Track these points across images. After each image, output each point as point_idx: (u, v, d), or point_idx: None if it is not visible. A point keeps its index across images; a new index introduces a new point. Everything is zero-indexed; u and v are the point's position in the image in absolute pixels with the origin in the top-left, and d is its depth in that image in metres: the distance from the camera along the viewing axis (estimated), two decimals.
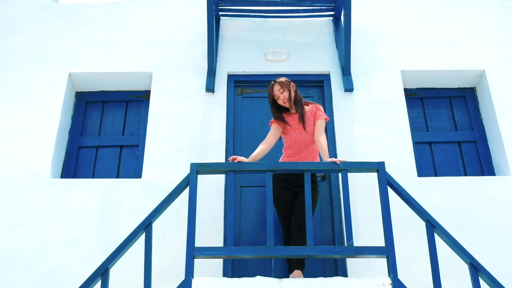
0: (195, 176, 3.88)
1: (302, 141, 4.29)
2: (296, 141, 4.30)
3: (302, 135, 4.27)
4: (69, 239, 4.45)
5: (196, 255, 3.62)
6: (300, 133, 4.27)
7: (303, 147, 4.29)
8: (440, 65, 5.31)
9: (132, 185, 4.70)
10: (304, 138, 4.28)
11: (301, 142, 4.29)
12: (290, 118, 4.30)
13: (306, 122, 4.24)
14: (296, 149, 4.29)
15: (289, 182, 4.29)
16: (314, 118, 4.30)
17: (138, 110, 5.35)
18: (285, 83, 4.31)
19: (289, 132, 4.30)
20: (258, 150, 4.17)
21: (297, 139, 4.29)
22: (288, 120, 4.29)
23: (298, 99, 4.33)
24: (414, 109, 5.32)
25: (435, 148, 5.14)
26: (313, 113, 4.32)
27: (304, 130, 4.24)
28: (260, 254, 3.63)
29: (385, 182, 3.84)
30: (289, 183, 4.30)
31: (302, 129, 4.25)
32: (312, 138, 4.28)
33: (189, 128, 4.96)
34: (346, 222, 3.71)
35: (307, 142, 4.29)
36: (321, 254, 3.64)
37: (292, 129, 4.29)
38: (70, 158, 5.07)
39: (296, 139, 4.30)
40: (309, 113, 4.32)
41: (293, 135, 4.30)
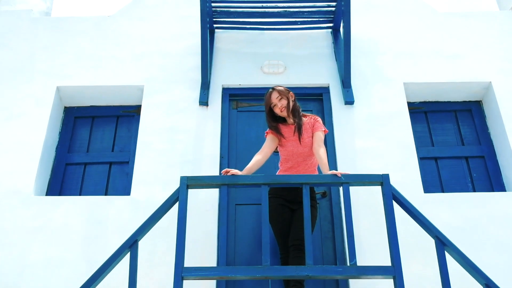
0: (185, 190, 3.61)
1: (299, 154, 4.03)
2: (293, 154, 4.04)
3: (299, 147, 4.02)
4: (51, 261, 4.16)
5: (185, 275, 3.33)
6: (296, 146, 4.02)
7: (300, 160, 4.03)
8: (444, 77, 5.08)
9: (120, 202, 4.42)
10: (300, 151, 4.02)
11: (298, 155, 4.03)
12: (286, 129, 4.06)
13: (303, 134, 4.00)
14: (293, 163, 4.02)
15: (286, 198, 4.02)
16: (312, 130, 4.05)
17: (129, 126, 5.11)
18: (284, 91, 4.08)
19: (285, 144, 4.05)
20: (253, 162, 3.91)
21: (293, 152, 4.03)
22: (284, 131, 4.04)
23: (296, 109, 4.09)
24: (418, 123, 5.08)
25: (441, 164, 4.88)
26: (311, 125, 4.07)
27: (299, 143, 4.00)
28: (255, 274, 3.33)
29: (390, 195, 3.57)
30: (286, 199, 4.03)
31: (298, 141, 4.01)
32: (310, 151, 4.02)
33: (181, 143, 4.71)
34: (348, 239, 3.43)
35: (305, 156, 4.03)
36: (322, 274, 3.34)
37: (288, 142, 4.04)
38: (57, 176, 4.81)
39: (292, 152, 4.04)
40: (307, 125, 4.07)
41: (289, 147, 4.04)
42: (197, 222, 4.29)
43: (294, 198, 4.02)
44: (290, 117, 4.05)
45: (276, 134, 4.03)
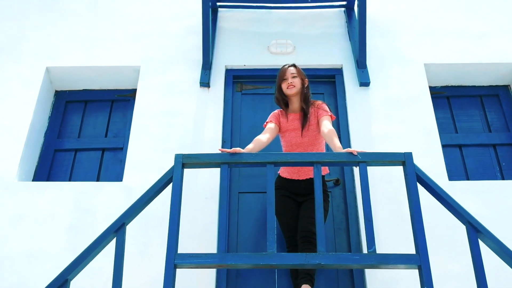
0: (180, 169, 3.18)
1: (298, 144, 3.61)
2: (292, 145, 3.63)
3: (298, 138, 3.61)
4: (33, 252, 3.74)
5: (179, 263, 2.89)
6: (296, 136, 3.61)
7: (300, 151, 3.60)
8: (469, 58, 4.64)
9: (111, 189, 3.99)
10: (299, 142, 3.61)
11: (297, 146, 3.62)
12: (289, 117, 3.65)
13: (306, 125, 3.59)
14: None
15: (291, 190, 3.61)
16: (318, 117, 3.62)
17: (124, 111, 4.70)
18: (301, 72, 3.70)
19: (285, 133, 3.65)
20: (255, 142, 3.46)
21: (292, 143, 3.63)
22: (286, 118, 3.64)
23: (307, 97, 3.66)
24: (440, 109, 4.63)
25: (467, 152, 4.42)
26: (314, 113, 3.63)
27: (301, 134, 3.59)
28: (258, 262, 2.88)
29: (413, 176, 3.12)
30: (291, 191, 3.61)
31: (299, 132, 3.59)
32: (312, 141, 3.60)
33: (180, 127, 4.29)
34: (366, 225, 2.97)
35: (305, 145, 3.61)
36: (336, 263, 2.88)
37: (289, 131, 3.64)
38: (44, 162, 4.40)
39: (291, 143, 3.64)
40: (311, 115, 3.64)
41: (288, 137, 3.65)
42: (195, 211, 3.86)
43: (299, 190, 3.60)
44: (294, 101, 3.64)
45: (278, 120, 3.64)
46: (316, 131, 3.60)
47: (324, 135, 3.44)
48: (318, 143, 3.62)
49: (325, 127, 3.47)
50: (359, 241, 3.78)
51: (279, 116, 3.69)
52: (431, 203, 3.47)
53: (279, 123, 3.65)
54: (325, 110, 3.63)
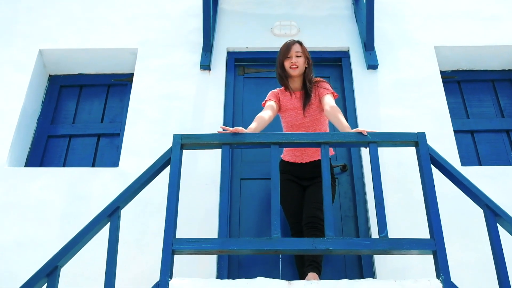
0: (179, 150, 2.99)
1: (299, 124, 3.42)
2: (292, 125, 3.45)
3: (298, 118, 3.42)
4: (24, 240, 3.55)
5: (177, 249, 2.70)
6: (296, 116, 3.42)
7: (302, 131, 3.40)
8: (481, 41, 4.44)
9: (106, 175, 3.80)
10: (300, 121, 3.42)
11: (298, 126, 3.43)
12: (289, 96, 3.47)
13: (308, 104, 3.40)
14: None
15: (294, 174, 3.41)
16: (319, 95, 3.42)
17: (121, 96, 4.51)
18: (306, 51, 3.51)
19: (284, 112, 3.47)
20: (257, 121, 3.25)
21: (293, 123, 3.44)
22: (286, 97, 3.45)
23: (310, 78, 3.47)
24: (450, 93, 4.43)
25: (479, 137, 4.22)
26: (315, 92, 3.44)
27: (303, 114, 3.40)
28: (262, 248, 2.69)
29: (427, 157, 2.93)
30: (295, 175, 3.41)
31: (300, 111, 3.40)
32: (313, 121, 3.41)
33: (178, 111, 4.09)
34: (377, 208, 2.78)
35: (307, 126, 3.42)
36: (345, 248, 2.68)
37: (289, 111, 3.45)
38: (37, 148, 4.21)
39: (291, 123, 3.45)
40: (312, 94, 3.44)
41: (288, 118, 3.46)
42: (195, 198, 3.67)
43: (304, 174, 3.41)
44: (296, 80, 3.46)
45: (278, 98, 3.46)
46: (317, 111, 3.40)
47: (328, 114, 3.24)
48: (320, 123, 3.43)
49: (328, 105, 3.28)
50: (368, 229, 3.58)
51: (278, 94, 3.50)
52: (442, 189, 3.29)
53: (278, 101, 3.46)
54: (327, 88, 3.43)
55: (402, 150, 3.78)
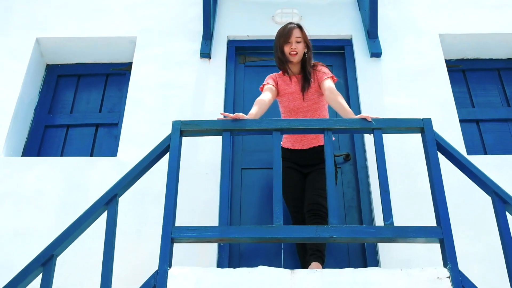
0: (178, 137, 2.92)
1: (297, 109, 3.35)
2: (290, 110, 3.37)
3: (296, 102, 3.34)
4: (20, 230, 3.47)
5: (176, 237, 2.62)
6: (295, 100, 3.34)
7: (300, 117, 3.34)
8: (486, 28, 4.35)
9: (104, 164, 3.73)
10: (298, 106, 3.35)
11: (296, 111, 3.35)
12: (287, 80, 3.39)
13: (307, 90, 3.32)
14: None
15: (295, 161, 3.32)
16: (318, 80, 3.33)
17: (119, 85, 4.42)
18: (306, 35, 3.41)
19: (283, 97, 3.39)
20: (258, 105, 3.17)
21: (290, 107, 3.37)
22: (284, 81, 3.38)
23: (310, 63, 3.39)
24: (456, 83, 4.34)
25: (484, 127, 4.14)
26: (315, 76, 3.36)
27: (301, 99, 3.32)
28: (264, 236, 2.61)
29: (433, 143, 2.85)
30: (295, 162, 3.33)
31: (298, 95, 3.33)
32: (312, 106, 3.33)
33: (178, 99, 4.02)
34: (382, 196, 2.71)
35: (305, 111, 3.34)
36: (349, 236, 2.61)
37: (286, 94, 3.37)
38: (34, 138, 4.13)
39: (289, 108, 3.37)
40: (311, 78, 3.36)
41: (285, 102, 3.38)
42: (195, 187, 3.60)
43: (305, 161, 3.33)
44: (295, 65, 3.38)
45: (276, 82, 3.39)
46: (316, 95, 3.32)
47: (330, 100, 3.16)
48: (318, 108, 3.34)
49: (328, 90, 3.19)
50: (372, 219, 3.50)
51: (276, 78, 3.42)
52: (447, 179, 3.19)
53: (276, 85, 3.38)
54: (325, 71, 3.34)
55: (406, 140, 3.72)
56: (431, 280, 2.48)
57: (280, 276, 2.50)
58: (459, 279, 2.46)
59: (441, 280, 2.48)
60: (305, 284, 2.46)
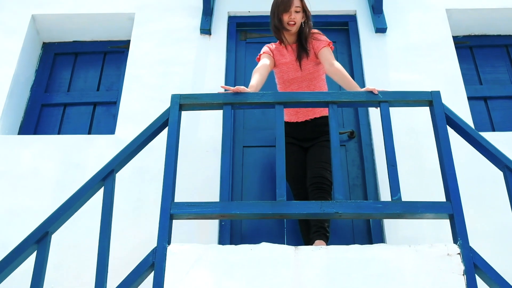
0: (178, 111, 2.81)
1: (291, 80, 3.24)
2: (284, 81, 3.26)
3: (291, 72, 3.23)
4: (16, 209, 3.39)
5: (175, 213, 2.52)
6: (293, 70, 3.23)
7: (294, 88, 3.23)
8: (494, 3, 4.22)
9: (102, 142, 3.63)
10: (292, 76, 3.24)
11: (291, 82, 3.24)
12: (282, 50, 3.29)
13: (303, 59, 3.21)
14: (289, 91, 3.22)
15: (294, 136, 3.21)
16: (314, 50, 3.21)
17: (118, 63, 4.31)
18: (307, 7, 3.29)
19: (279, 68, 3.27)
20: (257, 78, 3.07)
21: (284, 78, 3.26)
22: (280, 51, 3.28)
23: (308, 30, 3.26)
24: (463, 60, 4.22)
25: (492, 104, 4.03)
26: (310, 45, 3.23)
27: (296, 68, 3.21)
28: (267, 211, 2.51)
29: (442, 116, 2.74)
30: (295, 136, 3.21)
31: (293, 65, 3.22)
32: (306, 76, 3.21)
33: (177, 76, 3.91)
34: (390, 170, 2.60)
35: (300, 81, 3.22)
36: (355, 211, 2.51)
37: (281, 64, 3.26)
38: (31, 117, 4.03)
39: (283, 78, 3.27)
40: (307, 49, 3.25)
41: (280, 72, 3.28)
42: (195, 165, 3.51)
43: (304, 134, 3.22)
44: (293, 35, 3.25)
45: (272, 52, 3.28)
46: (311, 64, 3.21)
47: (331, 74, 3.06)
48: (314, 79, 3.23)
49: (328, 63, 3.08)
50: (377, 198, 3.40)
51: (272, 49, 3.31)
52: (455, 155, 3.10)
53: (273, 55, 3.27)
54: (321, 39, 3.22)
55: (413, 116, 3.63)
56: (440, 256, 2.38)
57: (283, 253, 2.40)
58: (470, 256, 2.37)
59: (451, 257, 2.38)
60: (310, 261, 2.37)
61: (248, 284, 2.31)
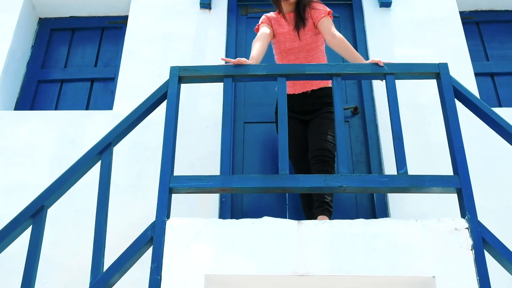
0: (177, 84, 2.72)
1: (288, 50, 3.15)
2: (281, 51, 3.17)
3: (288, 42, 3.14)
4: (11, 186, 3.33)
5: (175, 186, 2.45)
6: (291, 40, 3.13)
7: (292, 59, 3.13)
8: None
9: (100, 118, 3.55)
10: (289, 46, 3.14)
11: (288, 52, 3.14)
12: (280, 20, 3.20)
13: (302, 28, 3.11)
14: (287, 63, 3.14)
15: (294, 109, 3.11)
16: (313, 20, 3.10)
17: (115, 39, 4.21)
18: None
19: (278, 38, 3.17)
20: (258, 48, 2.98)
21: (281, 48, 3.17)
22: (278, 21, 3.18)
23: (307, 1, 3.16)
24: (469, 35, 4.11)
25: (499, 80, 3.94)
26: (308, 15, 3.12)
27: (294, 38, 3.11)
28: (269, 185, 2.44)
29: (450, 89, 2.65)
30: (295, 110, 3.11)
31: (290, 35, 3.13)
32: (304, 46, 3.12)
33: (177, 51, 3.81)
34: (396, 143, 2.52)
35: (297, 51, 3.13)
36: (360, 185, 2.43)
37: (278, 34, 3.17)
38: (27, 94, 3.94)
39: (280, 48, 3.18)
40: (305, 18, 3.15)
41: (278, 43, 3.18)
42: (195, 141, 3.43)
43: (305, 107, 3.12)
44: (290, 4, 3.15)
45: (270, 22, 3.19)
46: (309, 34, 3.11)
47: (334, 46, 2.98)
48: (312, 49, 3.13)
49: (329, 34, 2.99)
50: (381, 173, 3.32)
51: (270, 18, 3.23)
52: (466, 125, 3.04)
53: (271, 24, 3.18)
54: (321, 8, 3.11)
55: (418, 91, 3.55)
56: (448, 231, 2.31)
57: (286, 227, 2.33)
58: (479, 230, 2.29)
59: (459, 231, 2.31)
60: (313, 235, 2.30)
61: (250, 259, 2.25)
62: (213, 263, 2.24)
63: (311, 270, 2.21)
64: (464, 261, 2.24)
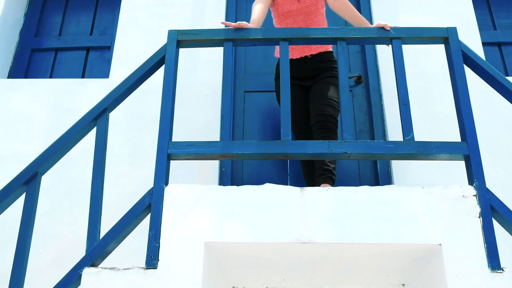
0: (175, 48, 2.62)
1: (286, 13, 3.03)
2: (279, 15, 3.05)
3: (287, 5, 3.02)
4: (5, 155, 3.26)
5: (173, 153, 2.36)
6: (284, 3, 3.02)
7: (290, 22, 3.02)
8: None
9: (96, 86, 3.46)
10: (288, 9, 3.03)
11: (286, 15, 3.03)
12: None
13: None
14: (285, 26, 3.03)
15: (294, 76, 2.98)
16: None
17: (112, 7, 4.08)
18: None
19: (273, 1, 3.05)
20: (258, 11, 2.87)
21: (279, 11, 3.05)
22: None
23: None
24: (476, 4, 3.99)
25: (507, 50, 3.84)
26: None
27: (296, 0, 3.01)
28: (271, 151, 2.35)
29: (459, 53, 2.56)
30: (295, 76, 2.99)
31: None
32: (303, 9, 3.00)
33: (175, 19, 3.70)
34: (402, 109, 2.44)
35: (295, 14, 3.01)
36: (365, 152, 2.35)
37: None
38: (20, 62, 3.83)
39: (278, 11, 3.06)
40: None
41: (275, 6, 3.06)
42: (194, 110, 3.35)
43: (305, 72, 3.02)
44: None
45: None
46: None
47: (337, 9, 2.91)
48: (311, 13, 3.02)
49: None
50: None
51: None
52: None
53: None
54: None
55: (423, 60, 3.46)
56: (455, 198, 2.24)
57: (288, 194, 2.25)
58: (487, 198, 2.22)
59: (466, 199, 2.24)
60: (316, 202, 2.22)
61: (251, 226, 2.17)
62: (213, 230, 2.17)
63: (314, 237, 2.14)
64: (472, 229, 2.17)
